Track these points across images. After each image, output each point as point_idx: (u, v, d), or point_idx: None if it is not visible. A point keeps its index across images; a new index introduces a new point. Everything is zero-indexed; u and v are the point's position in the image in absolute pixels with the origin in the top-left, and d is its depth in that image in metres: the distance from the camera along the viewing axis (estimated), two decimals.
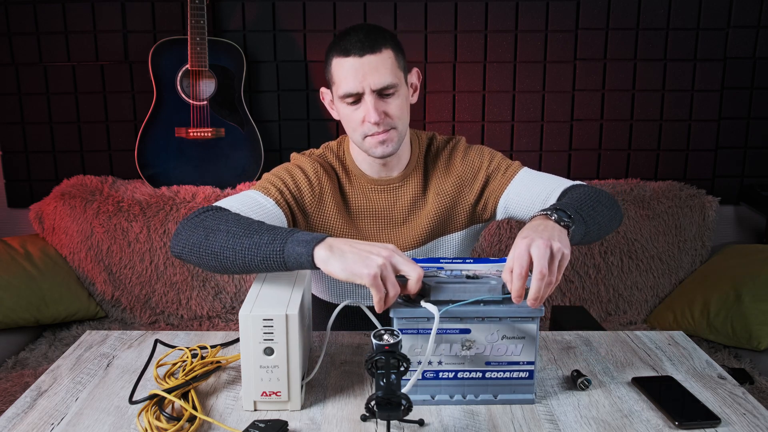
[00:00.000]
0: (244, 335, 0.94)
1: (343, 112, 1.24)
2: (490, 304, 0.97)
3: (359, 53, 1.17)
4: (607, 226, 1.16)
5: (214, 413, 0.98)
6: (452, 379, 1.00)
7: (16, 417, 0.97)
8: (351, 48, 1.18)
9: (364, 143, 1.24)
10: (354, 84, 1.18)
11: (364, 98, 1.20)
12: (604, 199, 1.18)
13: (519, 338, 0.98)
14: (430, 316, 0.96)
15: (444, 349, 0.98)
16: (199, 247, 1.05)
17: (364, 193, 1.32)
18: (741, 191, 2.37)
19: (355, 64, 1.18)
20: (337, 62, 1.20)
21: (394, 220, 1.33)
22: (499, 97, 2.31)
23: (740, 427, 0.93)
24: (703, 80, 2.28)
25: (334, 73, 1.21)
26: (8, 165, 2.33)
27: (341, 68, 1.19)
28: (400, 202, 1.33)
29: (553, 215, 1.02)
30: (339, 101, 1.23)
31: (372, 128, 1.21)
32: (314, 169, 1.30)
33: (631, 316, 2.13)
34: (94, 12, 2.23)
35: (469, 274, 1.02)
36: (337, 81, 1.21)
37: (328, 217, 1.30)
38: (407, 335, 0.97)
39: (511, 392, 1.00)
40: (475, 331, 0.98)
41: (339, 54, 1.19)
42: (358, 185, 1.32)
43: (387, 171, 1.32)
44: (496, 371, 0.99)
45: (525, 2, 2.23)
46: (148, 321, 2.11)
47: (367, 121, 1.20)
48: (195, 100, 2.15)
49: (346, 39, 1.19)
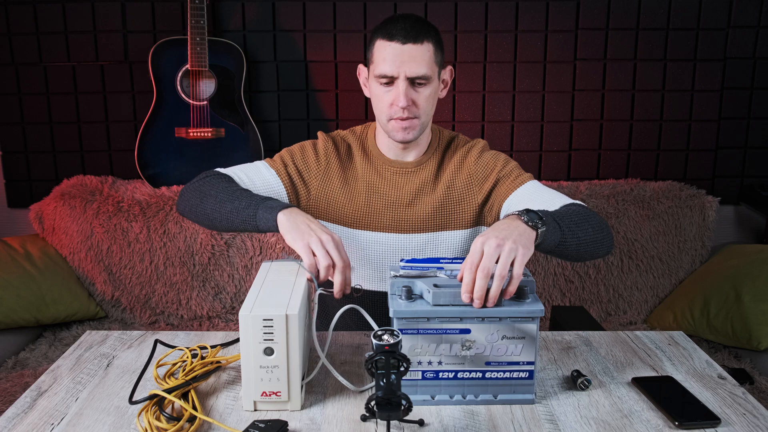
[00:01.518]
0: (244, 335, 0.94)
1: (375, 92, 1.32)
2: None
3: (402, 40, 1.25)
4: (589, 246, 1.16)
5: (214, 413, 0.98)
6: (452, 379, 1.00)
7: (16, 417, 0.97)
8: (396, 34, 1.26)
9: (388, 125, 1.31)
10: (391, 68, 1.26)
11: (397, 83, 1.27)
12: (594, 221, 1.19)
13: (519, 338, 0.98)
14: (430, 316, 0.96)
15: (444, 349, 0.99)
16: (194, 208, 1.27)
17: (377, 171, 1.39)
18: (741, 191, 2.37)
19: (396, 50, 1.25)
20: (380, 44, 1.28)
21: (399, 201, 1.38)
22: (499, 97, 2.31)
23: (740, 427, 0.93)
24: (703, 80, 2.28)
25: (375, 53, 1.29)
26: (8, 165, 2.33)
27: (382, 50, 1.27)
28: (409, 185, 1.39)
29: (523, 216, 1.05)
30: (374, 80, 1.30)
31: (398, 112, 1.28)
32: (325, 145, 1.40)
33: (631, 316, 2.13)
34: (94, 12, 2.23)
35: None
36: (376, 61, 1.29)
37: (332, 190, 1.39)
38: (407, 335, 0.98)
39: (511, 392, 1.00)
40: (475, 331, 0.98)
41: (383, 37, 1.27)
42: (372, 163, 1.40)
43: (404, 155, 1.39)
44: (496, 371, 1.00)
45: (525, 2, 2.23)
46: (148, 321, 2.11)
47: (395, 104, 1.28)
48: (195, 100, 2.15)
49: (393, 24, 1.27)
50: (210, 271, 2.10)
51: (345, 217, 1.40)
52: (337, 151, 1.40)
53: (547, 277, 2.13)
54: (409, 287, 1.00)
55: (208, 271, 2.10)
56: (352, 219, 1.39)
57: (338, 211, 1.40)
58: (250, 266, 2.10)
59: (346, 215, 1.40)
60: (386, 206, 1.39)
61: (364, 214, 1.39)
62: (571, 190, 2.18)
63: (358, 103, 2.31)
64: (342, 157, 1.41)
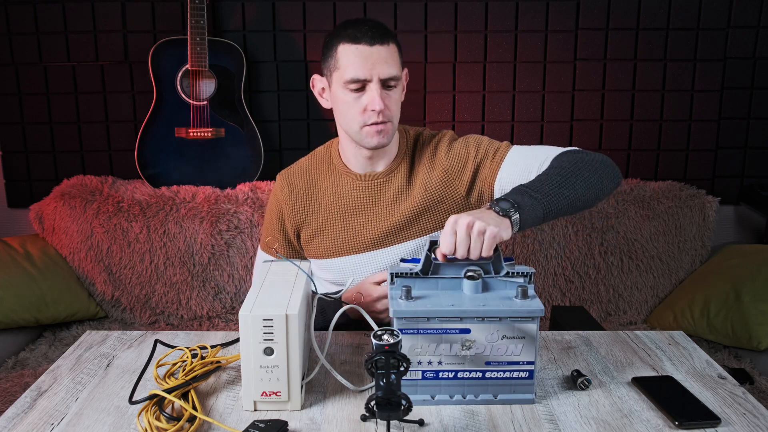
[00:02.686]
0: (244, 335, 0.94)
1: (343, 99, 1.25)
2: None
3: (369, 42, 1.20)
4: (585, 197, 1.14)
5: (214, 413, 0.98)
6: (452, 379, 1.00)
7: (16, 417, 0.97)
8: (361, 36, 1.21)
9: (361, 132, 1.26)
10: (363, 71, 1.21)
11: (369, 86, 1.22)
12: (585, 169, 1.16)
13: (519, 338, 0.98)
14: (430, 316, 0.96)
15: (444, 349, 0.99)
16: None
17: (349, 189, 1.36)
18: (741, 191, 2.37)
19: (365, 52, 1.20)
20: (345, 48, 1.22)
21: (379, 215, 1.34)
22: (499, 97, 2.31)
23: (740, 427, 0.93)
24: (703, 80, 2.28)
25: (340, 58, 1.23)
26: (8, 165, 2.33)
27: (349, 54, 1.21)
28: (385, 196, 1.34)
29: (494, 207, 1.05)
30: (341, 88, 1.24)
31: (372, 117, 1.23)
32: (282, 194, 1.41)
33: (631, 316, 2.13)
34: (94, 12, 2.23)
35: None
36: (342, 66, 1.22)
37: (319, 219, 1.38)
38: (407, 335, 0.98)
39: (511, 392, 1.00)
40: (475, 331, 0.98)
41: (347, 41, 1.21)
42: (343, 182, 1.36)
43: (372, 166, 1.35)
44: (496, 371, 1.00)
45: (525, 2, 2.23)
46: (148, 321, 2.11)
47: (370, 109, 1.22)
48: (195, 100, 2.15)
49: (356, 27, 1.22)
50: (210, 271, 2.10)
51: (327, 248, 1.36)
52: (293, 191, 1.39)
53: (547, 277, 2.13)
54: (408, 287, 1.00)
55: (208, 271, 2.10)
56: (333, 248, 1.36)
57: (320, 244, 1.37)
58: (250, 266, 2.10)
59: (327, 245, 1.36)
60: (365, 224, 1.34)
61: (345, 238, 1.35)
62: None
63: None
64: (303, 192, 1.39)
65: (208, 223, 2.08)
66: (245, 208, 2.10)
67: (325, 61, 1.28)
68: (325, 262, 1.38)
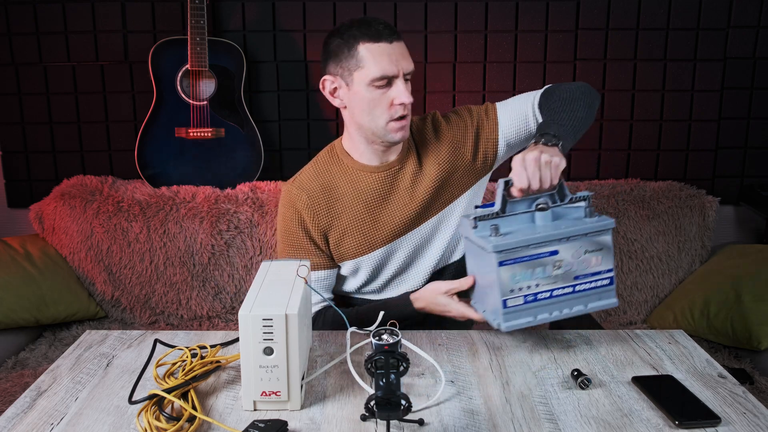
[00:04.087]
0: (244, 335, 0.94)
1: (369, 97, 1.28)
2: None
3: (389, 39, 1.25)
4: (588, 115, 1.31)
5: (213, 413, 0.98)
6: (549, 298, 1.13)
7: (16, 417, 0.97)
8: (381, 34, 1.25)
9: (386, 128, 1.30)
10: (390, 67, 1.25)
11: (395, 81, 1.26)
12: (577, 94, 1.33)
13: (598, 250, 1.13)
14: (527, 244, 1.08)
15: (538, 273, 1.11)
16: None
17: (369, 183, 1.38)
18: (741, 191, 2.37)
19: (388, 49, 1.25)
20: (368, 47, 1.25)
21: (402, 201, 1.38)
22: (499, 97, 2.28)
23: (740, 426, 0.93)
24: (703, 80, 2.28)
25: (363, 58, 1.26)
26: (8, 165, 2.33)
27: (373, 52, 1.25)
28: (403, 182, 1.38)
29: (542, 142, 1.19)
30: (365, 86, 1.27)
31: (399, 111, 1.28)
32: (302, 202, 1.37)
33: (631, 316, 2.13)
34: (94, 12, 2.23)
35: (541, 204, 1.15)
36: (367, 65, 1.25)
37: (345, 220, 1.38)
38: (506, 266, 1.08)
39: (597, 299, 1.15)
40: (562, 252, 1.11)
41: (369, 39, 1.25)
42: (361, 178, 1.38)
43: (386, 156, 1.38)
44: (583, 283, 1.14)
45: (525, 2, 2.23)
46: (148, 321, 2.11)
47: (398, 103, 1.27)
48: (195, 100, 2.15)
49: (372, 27, 1.26)
50: (210, 271, 2.10)
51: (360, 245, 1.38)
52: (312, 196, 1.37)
53: None
54: (496, 225, 1.10)
55: (208, 271, 2.10)
56: (366, 243, 1.38)
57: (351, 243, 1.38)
58: (250, 266, 2.10)
59: (360, 242, 1.38)
60: (392, 213, 1.38)
61: (376, 231, 1.38)
62: (571, 190, 2.16)
63: None
64: (322, 196, 1.37)
65: (208, 223, 2.08)
66: (245, 208, 2.10)
67: (339, 61, 1.29)
68: (359, 260, 1.39)
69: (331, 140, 1.47)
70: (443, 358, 1.15)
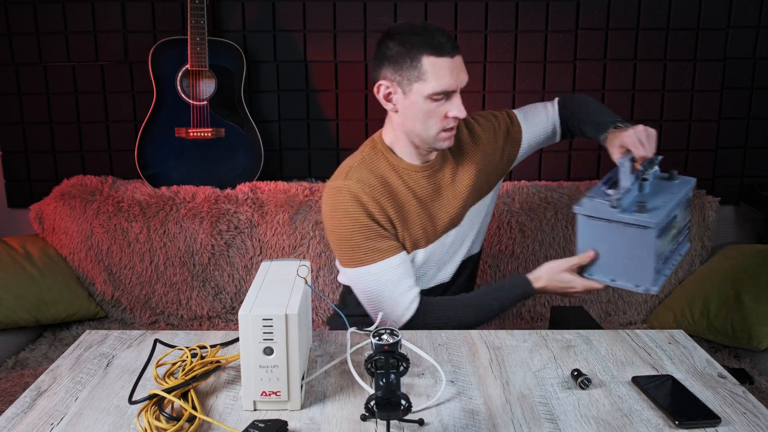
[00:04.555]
0: (244, 335, 0.94)
1: (426, 108, 1.30)
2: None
3: (451, 53, 1.28)
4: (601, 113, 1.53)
5: (213, 413, 0.98)
6: (671, 254, 1.33)
7: (16, 417, 0.97)
8: (444, 47, 1.27)
9: (437, 137, 1.34)
10: (451, 82, 1.29)
11: (453, 96, 1.31)
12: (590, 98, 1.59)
13: (686, 207, 1.37)
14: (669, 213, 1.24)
15: (669, 237, 1.29)
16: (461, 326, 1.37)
17: (417, 181, 1.41)
18: (741, 191, 2.37)
19: (450, 64, 1.28)
20: (432, 61, 1.27)
21: (446, 197, 1.44)
22: (499, 97, 2.31)
23: (740, 426, 0.93)
24: (703, 80, 2.28)
25: (426, 71, 1.28)
26: (8, 165, 2.33)
27: (436, 66, 1.27)
28: (444, 180, 1.44)
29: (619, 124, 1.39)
30: (424, 98, 1.29)
31: (452, 123, 1.33)
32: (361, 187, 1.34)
33: (630, 317, 2.13)
34: (94, 12, 2.23)
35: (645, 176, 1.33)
36: (430, 78, 1.28)
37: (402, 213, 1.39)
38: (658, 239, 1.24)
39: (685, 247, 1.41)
40: (678, 214, 1.31)
41: (432, 53, 1.27)
42: (409, 176, 1.41)
43: (428, 157, 1.43)
44: (682, 237, 1.38)
45: (525, 2, 2.23)
46: (148, 321, 2.11)
47: (453, 116, 1.31)
48: (195, 100, 2.15)
49: (435, 38, 1.27)
50: (210, 271, 2.10)
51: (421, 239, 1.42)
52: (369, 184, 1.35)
53: None
54: (643, 202, 1.22)
55: (208, 271, 2.10)
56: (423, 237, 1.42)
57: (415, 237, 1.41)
58: (250, 266, 2.10)
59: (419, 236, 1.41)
60: (439, 208, 1.43)
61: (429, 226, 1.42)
62: (571, 190, 2.17)
63: (358, 103, 2.31)
64: (378, 185, 1.37)
65: (208, 223, 2.08)
66: (245, 208, 2.10)
67: (399, 69, 1.30)
68: (417, 253, 1.42)
69: (331, 140, 1.49)
70: (443, 358, 1.15)
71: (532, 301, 2.12)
